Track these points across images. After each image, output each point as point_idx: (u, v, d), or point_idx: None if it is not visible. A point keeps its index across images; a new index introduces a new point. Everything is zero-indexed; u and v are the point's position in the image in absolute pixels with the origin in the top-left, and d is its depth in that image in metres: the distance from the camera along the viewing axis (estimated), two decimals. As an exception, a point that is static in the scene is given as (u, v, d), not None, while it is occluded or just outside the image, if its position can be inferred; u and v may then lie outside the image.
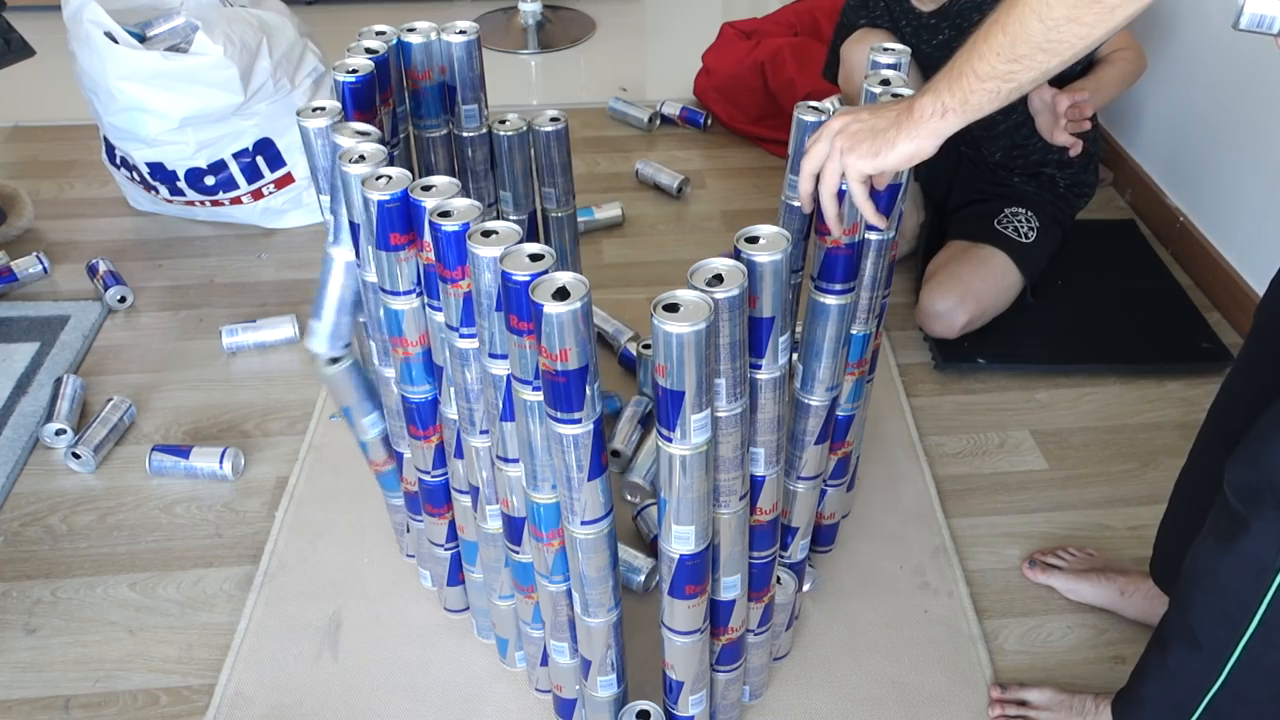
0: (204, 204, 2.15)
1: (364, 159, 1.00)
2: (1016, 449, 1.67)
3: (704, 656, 1.10)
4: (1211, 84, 2.00)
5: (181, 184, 2.09)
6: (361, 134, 1.04)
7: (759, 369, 0.94)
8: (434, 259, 0.95)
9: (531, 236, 1.23)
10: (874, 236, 1.14)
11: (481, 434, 1.06)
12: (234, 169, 2.08)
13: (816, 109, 1.14)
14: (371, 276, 1.08)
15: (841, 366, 1.11)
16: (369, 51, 1.18)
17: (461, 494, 1.18)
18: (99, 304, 1.97)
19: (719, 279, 0.85)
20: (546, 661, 1.20)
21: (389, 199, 0.97)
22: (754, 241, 0.90)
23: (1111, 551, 1.47)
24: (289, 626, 1.39)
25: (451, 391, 1.07)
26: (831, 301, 1.05)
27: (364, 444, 1.29)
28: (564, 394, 0.86)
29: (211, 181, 2.09)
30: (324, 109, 1.08)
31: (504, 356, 0.94)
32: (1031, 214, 1.88)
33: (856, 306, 1.17)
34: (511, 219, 1.39)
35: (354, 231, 1.05)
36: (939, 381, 1.81)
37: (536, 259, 0.85)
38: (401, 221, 0.99)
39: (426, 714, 1.29)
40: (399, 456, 1.27)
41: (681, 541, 0.96)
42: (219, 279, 2.07)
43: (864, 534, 1.51)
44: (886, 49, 1.17)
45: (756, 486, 1.03)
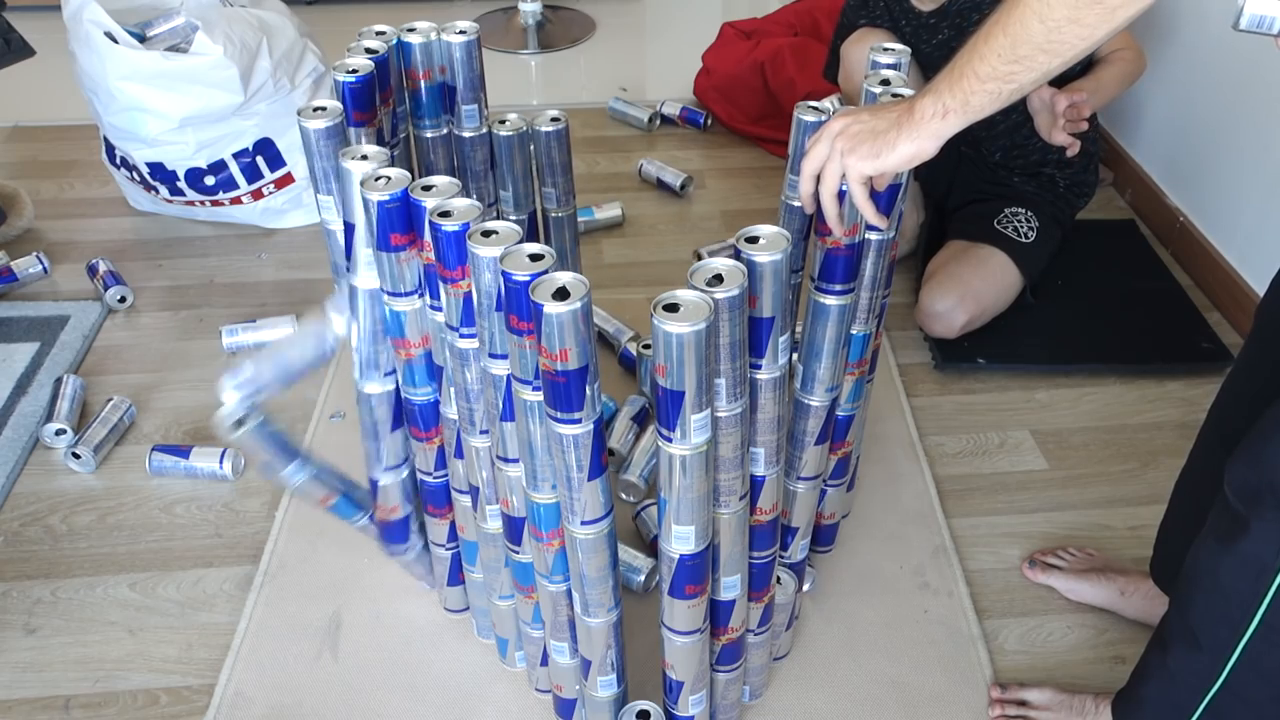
0: (204, 204, 2.15)
1: (366, 158, 1.00)
2: (1016, 449, 1.67)
3: (704, 656, 1.10)
4: (1211, 84, 2.00)
5: (181, 184, 2.09)
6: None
7: (759, 369, 0.95)
8: (434, 259, 0.95)
9: (531, 236, 1.23)
10: (874, 236, 1.14)
11: (481, 434, 1.06)
12: (234, 169, 2.08)
13: (816, 109, 1.14)
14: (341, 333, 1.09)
15: (841, 367, 1.11)
16: (369, 51, 1.18)
17: (461, 494, 1.18)
18: (99, 304, 1.97)
19: (719, 279, 0.85)
20: (546, 661, 1.20)
21: (388, 199, 0.97)
22: (754, 241, 0.89)
23: (1111, 551, 1.47)
24: (289, 626, 1.39)
25: (451, 392, 1.07)
26: (831, 302, 1.05)
27: (296, 491, 1.27)
28: (564, 394, 0.86)
29: (211, 181, 2.09)
30: (325, 109, 1.08)
31: (504, 356, 0.94)
32: (1031, 214, 1.88)
33: (856, 307, 1.17)
34: (511, 219, 1.39)
35: (348, 233, 1.05)
36: (939, 381, 1.81)
37: (536, 259, 0.85)
38: (401, 222, 0.99)
39: (426, 714, 1.29)
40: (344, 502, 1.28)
41: (681, 541, 0.96)
42: (219, 279, 2.07)
43: (864, 534, 1.51)
44: (886, 49, 1.17)
45: (756, 486, 1.03)
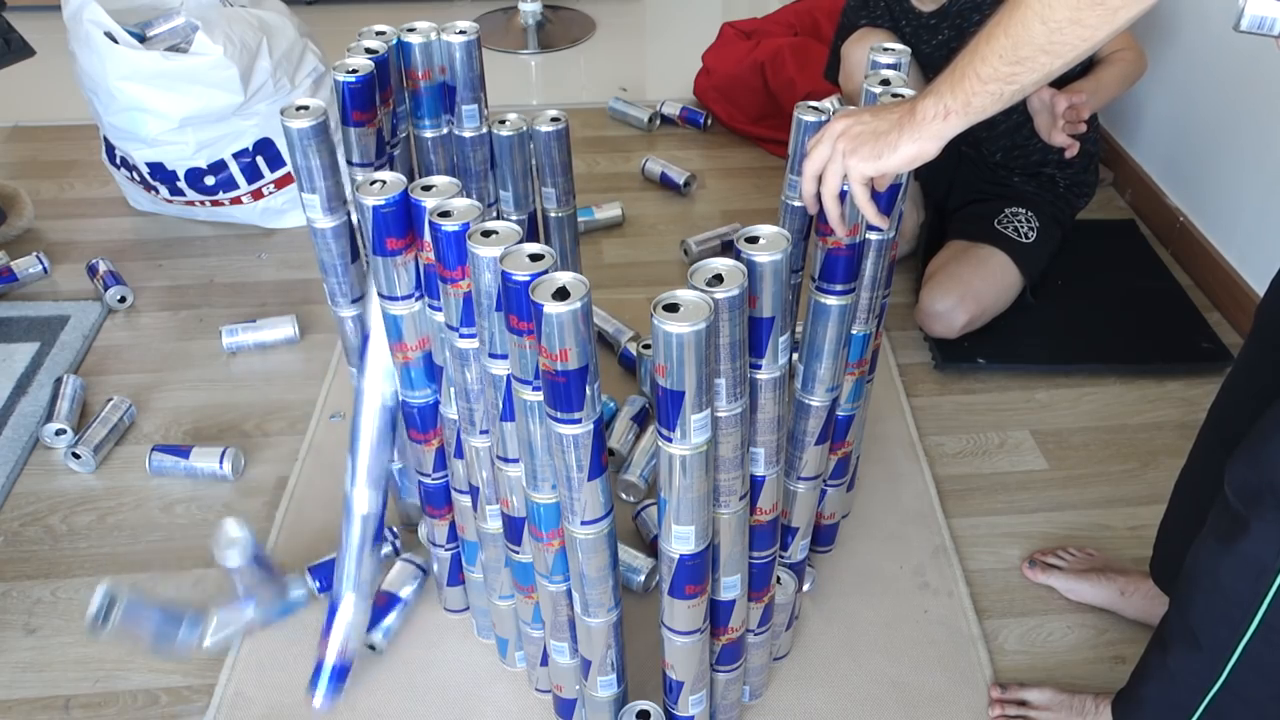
0: (204, 204, 2.15)
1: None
2: (1016, 449, 1.67)
3: (704, 656, 1.10)
4: (1211, 84, 2.00)
5: (181, 184, 2.09)
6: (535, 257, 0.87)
7: (759, 369, 0.94)
8: (434, 259, 0.95)
9: (531, 236, 1.23)
10: (874, 236, 1.14)
11: (482, 434, 1.06)
12: (234, 169, 2.08)
13: (817, 109, 1.14)
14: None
15: (842, 367, 1.11)
16: (369, 51, 1.18)
17: (461, 494, 1.18)
18: (99, 304, 1.97)
19: (719, 279, 0.85)
20: (546, 661, 1.20)
21: (384, 204, 0.97)
22: (754, 241, 0.89)
23: (1111, 551, 1.47)
24: (289, 626, 1.39)
25: (451, 392, 1.07)
26: (832, 302, 1.05)
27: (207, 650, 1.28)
28: (564, 394, 0.86)
29: (211, 181, 2.09)
30: (308, 108, 1.08)
31: (504, 356, 0.94)
32: (1031, 214, 1.88)
33: (857, 307, 1.17)
34: (511, 219, 1.39)
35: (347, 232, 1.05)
36: (939, 381, 1.81)
37: (536, 259, 0.85)
38: (398, 226, 0.99)
39: (426, 714, 1.29)
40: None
41: (681, 541, 0.96)
42: (219, 279, 2.07)
43: (864, 534, 1.51)
44: (887, 49, 1.17)
45: (756, 486, 1.03)
